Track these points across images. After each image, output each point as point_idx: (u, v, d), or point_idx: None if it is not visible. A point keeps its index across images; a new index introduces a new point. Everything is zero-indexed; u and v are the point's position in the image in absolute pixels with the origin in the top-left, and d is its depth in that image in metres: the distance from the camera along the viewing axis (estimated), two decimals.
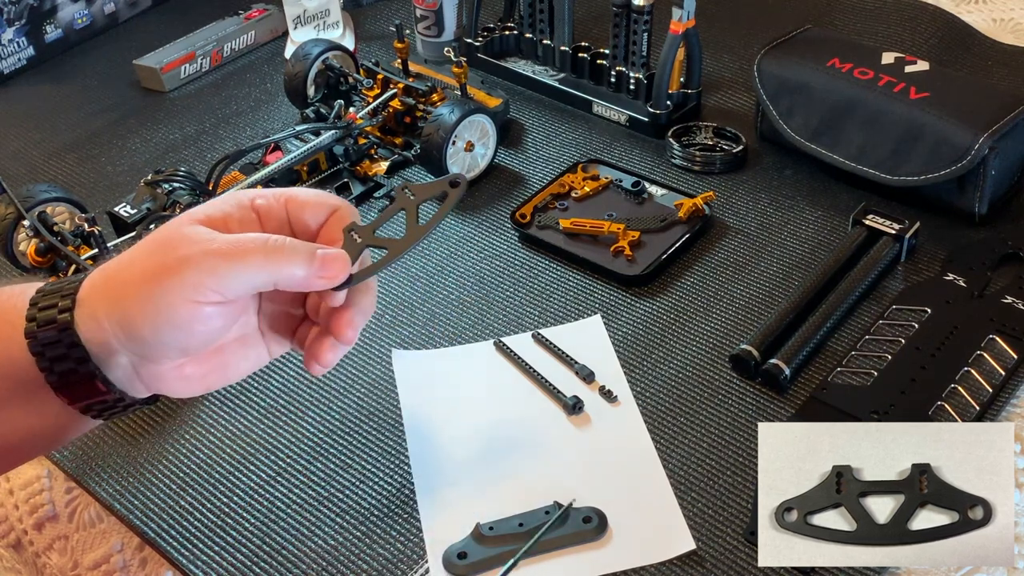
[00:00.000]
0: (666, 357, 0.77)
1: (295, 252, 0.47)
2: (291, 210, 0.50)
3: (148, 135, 1.09)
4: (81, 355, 0.46)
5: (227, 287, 0.46)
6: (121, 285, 0.47)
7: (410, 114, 1.01)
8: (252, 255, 0.46)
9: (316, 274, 0.48)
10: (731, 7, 1.20)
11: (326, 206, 0.51)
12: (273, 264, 0.47)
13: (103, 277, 0.47)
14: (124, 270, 0.47)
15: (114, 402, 0.48)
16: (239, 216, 0.49)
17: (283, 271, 0.47)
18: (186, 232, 0.47)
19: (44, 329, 0.46)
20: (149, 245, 0.48)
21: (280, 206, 0.50)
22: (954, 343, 0.74)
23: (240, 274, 0.46)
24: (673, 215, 0.88)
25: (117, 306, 0.46)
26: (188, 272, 0.45)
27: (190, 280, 0.45)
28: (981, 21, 1.15)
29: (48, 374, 0.46)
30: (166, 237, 0.47)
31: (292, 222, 0.51)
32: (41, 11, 1.22)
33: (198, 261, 0.45)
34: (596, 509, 0.64)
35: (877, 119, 0.86)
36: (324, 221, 0.51)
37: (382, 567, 0.64)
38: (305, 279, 0.47)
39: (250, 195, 0.50)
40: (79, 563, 0.71)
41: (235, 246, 0.46)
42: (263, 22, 1.24)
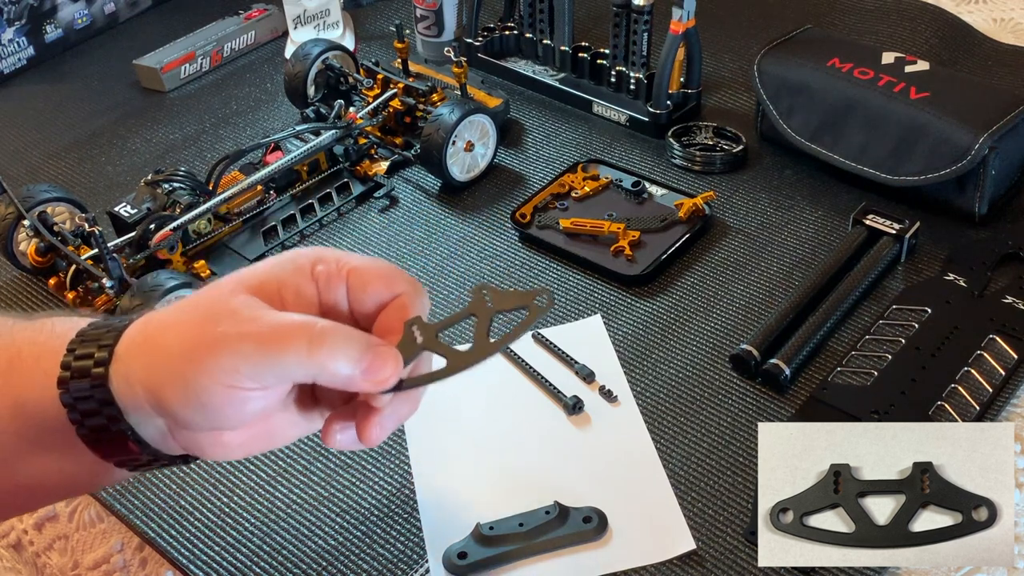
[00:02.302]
0: (666, 357, 0.77)
1: (342, 345, 0.43)
2: (352, 283, 0.46)
3: (148, 135, 1.09)
4: (113, 413, 0.44)
5: (262, 376, 0.42)
6: (157, 351, 0.43)
7: (410, 114, 1.01)
8: (294, 345, 0.42)
9: (363, 376, 0.43)
10: (731, 7, 1.20)
11: (390, 287, 0.46)
12: (315, 359, 0.42)
13: (143, 335, 0.44)
14: (164, 333, 0.44)
15: (147, 461, 0.46)
16: (295, 284, 0.45)
17: (326, 367, 0.42)
18: (232, 304, 0.43)
19: (77, 380, 0.43)
20: (193, 310, 0.44)
21: (341, 277, 0.46)
22: (954, 343, 0.74)
23: (277, 366, 0.42)
24: (673, 215, 0.88)
25: (150, 375, 0.43)
26: (223, 355, 0.42)
27: (225, 364, 0.42)
28: (981, 21, 1.15)
29: (79, 427, 0.44)
30: (211, 305, 0.44)
31: (351, 297, 0.46)
32: (41, 11, 1.22)
33: (235, 344, 0.42)
34: (596, 509, 0.64)
35: (877, 119, 0.86)
36: (386, 303, 0.46)
37: (382, 567, 0.64)
38: (349, 379, 0.43)
39: (311, 258, 0.46)
40: (79, 563, 0.71)
41: (276, 332, 0.42)
42: (263, 22, 1.24)
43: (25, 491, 0.48)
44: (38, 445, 0.46)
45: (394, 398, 0.45)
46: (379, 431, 0.45)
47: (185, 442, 0.45)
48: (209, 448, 0.45)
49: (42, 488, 0.48)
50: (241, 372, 0.42)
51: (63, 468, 0.47)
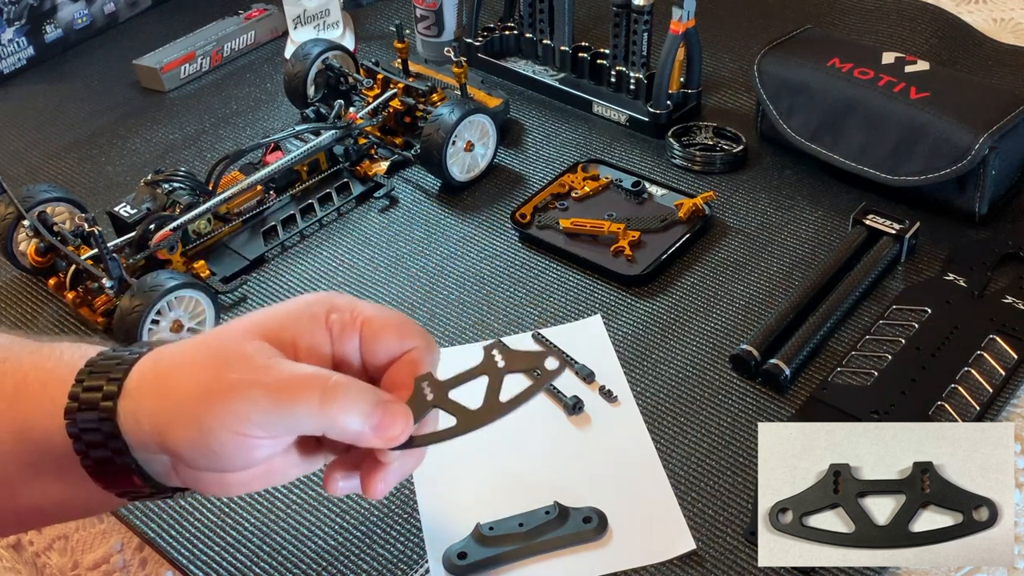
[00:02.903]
0: (666, 357, 0.76)
1: (354, 402, 0.43)
2: (365, 335, 0.46)
3: (148, 135, 1.09)
4: (119, 446, 0.44)
5: (272, 427, 0.43)
6: (168, 391, 0.43)
7: (410, 114, 1.01)
8: (306, 397, 0.42)
9: (372, 433, 0.43)
10: (731, 7, 1.20)
11: (402, 340, 0.46)
12: (327, 414, 0.43)
13: (154, 373, 0.44)
14: (175, 372, 0.44)
15: (150, 493, 0.46)
16: (309, 332, 0.45)
17: (337, 422, 0.43)
18: (246, 350, 0.43)
19: (84, 412, 0.44)
20: (205, 352, 0.44)
21: (355, 327, 0.46)
22: (954, 343, 0.74)
23: (288, 417, 0.42)
24: (673, 215, 0.88)
25: (159, 415, 0.43)
26: (235, 402, 0.42)
27: (237, 411, 0.42)
28: (981, 21, 1.15)
29: (83, 458, 0.44)
30: (224, 348, 0.44)
31: (363, 348, 0.46)
32: (41, 11, 1.22)
33: (247, 392, 0.42)
34: (596, 509, 0.64)
35: (877, 119, 0.86)
36: (397, 356, 0.46)
37: (382, 567, 0.64)
38: (359, 435, 0.43)
39: (325, 306, 0.46)
40: (79, 563, 0.71)
41: (289, 383, 0.42)
42: (263, 22, 1.24)
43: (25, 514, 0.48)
44: (40, 471, 0.46)
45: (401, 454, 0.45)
46: (384, 486, 0.46)
47: (187, 479, 0.45)
48: (211, 486, 0.45)
49: (41, 512, 0.48)
50: (252, 421, 0.42)
51: (64, 494, 0.47)
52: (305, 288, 0.86)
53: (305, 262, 0.89)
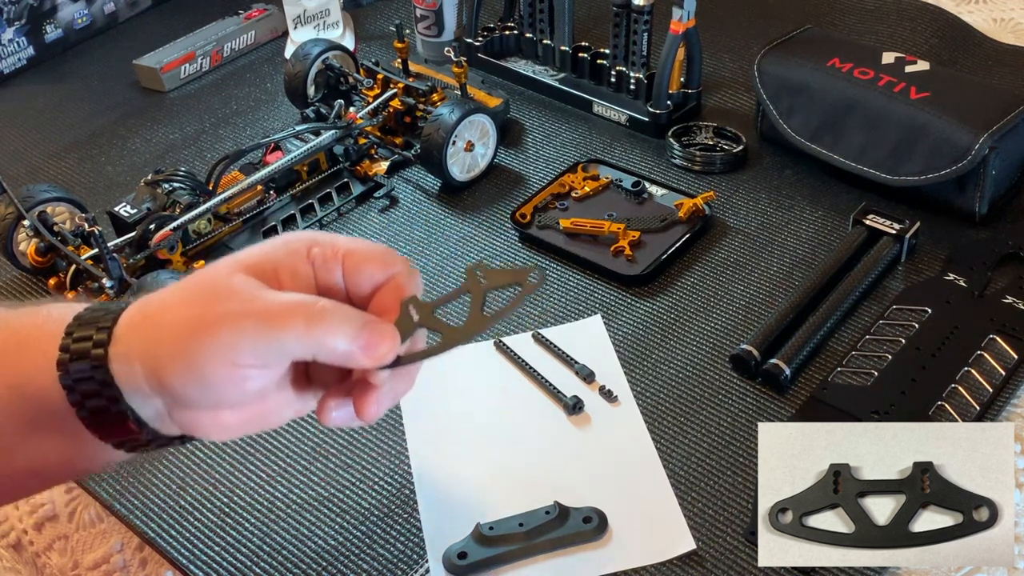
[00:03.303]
0: (666, 357, 0.76)
1: (340, 322, 0.43)
2: (347, 267, 0.46)
3: (148, 135, 1.09)
4: (113, 393, 0.44)
5: (263, 353, 0.43)
6: (157, 331, 0.44)
7: (410, 114, 1.01)
8: (293, 322, 0.43)
9: (360, 352, 0.44)
10: (731, 7, 1.20)
11: (385, 268, 0.47)
12: (314, 336, 0.43)
13: (141, 316, 0.45)
14: (163, 314, 0.44)
15: (146, 441, 0.46)
16: (291, 266, 0.46)
17: (324, 344, 0.43)
18: (231, 283, 0.44)
19: (77, 362, 0.44)
20: (191, 290, 0.45)
21: (337, 259, 0.46)
22: (954, 343, 0.74)
23: (277, 342, 0.43)
24: (673, 215, 0.88)
25: (150, 354, 0.43)
26: (224, 332, 0.42)
27: (225, 341, 0.42)
28: (981, 21, 1.15)
29: (79, 408, 0.44)
30: (209, 285, 0.44)
31: (347, 280, 0.47)
32: (41, 11, 1.22)
33: (236, 322, 0.42)
34: (596, 509, 0.64)
35: (877, 119, 0.86)
36: (382, 283, 0.47)
37: (382, 567, 0.64)
38: (347, 355, 0.44)
39: (306, 242, 0.47)
40: (79, 563, 0.71)
41: (277, 309, 0.43)
42: (263, 22, 1.24)
43: (23, 475, 0.48)
44: (37, 428, 0.46)
45: (391, 375, 0.46)
46: (376, 408, 0.46)
47: (183, 422, 0.45)
48: (207, 428, 0.46)
49: (40, 472, 0.48)
50: (242, 349, 0.42)
51: (62, 451, 0.47)
52: None
53: None
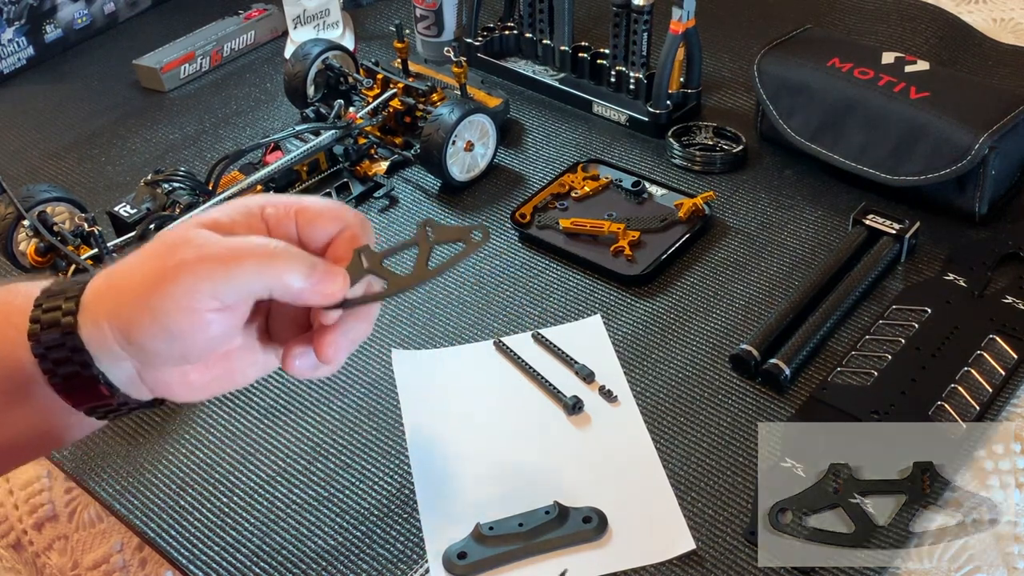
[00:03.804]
0: (666, 357, 0.76)
1: (294, 260, 0.46)
2: (301, 222, 0.48)
3: (148, 135, 1.09)
4: (84, 359, 0.45)
5: (222, 292, 0.45)
6: (121, 291, 0.46)
7: (410, 114, 1.01)
8: (248, 260, 0.45)
9: (313, 288, 0.46)
10: (731, 7, 1.20)
11: (338, 220, 0.49)
12: (269, 271, 0.45)
13: (106, 282, 0.47)
14: (126, 275, 0.46)
15: (118, 405, 0.48)
16: (247, 223, 0.48)
17: (280, 279, 0.45)
18: (188, 235, 0.46)
19: (47, 331, 0.45)
20: (151, 249, 0.46)
21: (290, 217, 0.48)
22: (954, 343, 0.74)
23: (235, 279, 0.45)
24: (673, 215, 0.88)
25: (117, 313, 0.45)
26: (183, 276, 0.44)
27: (185, 285, 0.44)
28: (981, 21, 1.15)
29: (51, 376, 0.46)
30: (168, 241, 0.46)
31: (301, 234, 0.49)
32: (41, 11, 1.22)
33: (193, 266, 0.44)
34: (596, 509, 0.64)
35: (877, 119, 0.86)
36: (334, 236, 0.49)
37: (382, 567, 0.64)
38: (300, 292, 0.46)
39: (259, 202, 0.49)
40: (79, 563, 0.71)
41: (232, 250, 0.45)
42: (263, 22, 1.24)
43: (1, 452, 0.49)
44: (10, 402, 0.47)
45: (346, 317, 0.48)
46: (334, 350, 0.48)
47: (152, 383, 0.47)
48: (175, 388, 0.48)
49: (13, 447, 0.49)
50: (201, 292, 0.44)
51: (35, 424, 0.48)
52: None
53: None
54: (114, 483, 0.70)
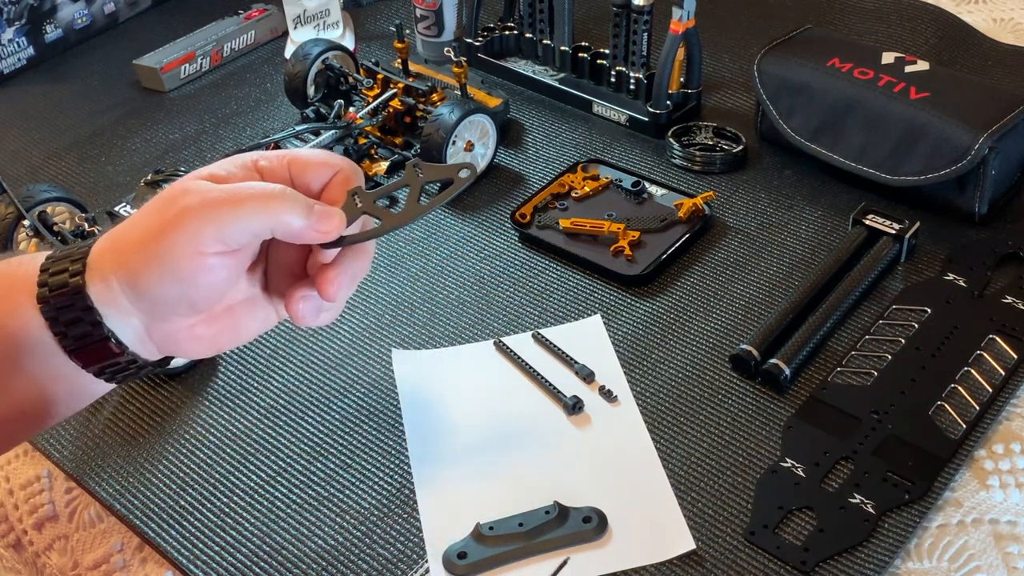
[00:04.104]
0: (666, 357, 0.76)
1: (292, 200, 0.48)
2: (294, 171, 0.51)
3: (148, 135, 1.09)
4: (94, 318, 0.46)
5: (226, 234, 0.47)
6: (126, 245, 0.47)
7: (410, 114, 1.01)
8: (249, 201, 0.47)
9: (312, 226, 0.48)
10: (731, 7, 1.20)
11: (329, 167, 0.51)
12: (270, 211, 0.47)
13: (111, 240, 0.48)
14: (129, 230, 0.48)
15: (127, 364, 0.49)
16: (242, 176, 0.50)
17: (281, 218, 0.48)
18: (187, 186, 0.48)
19: (56, 294, 0.46)
20: (153, 204, 0.48)
21: (283, 167, 0.51)
22: (954, 343, 0.74)
23: (238, 220, 0.47)
24: (673, 215, 0.88)
25: (124, 266, 0.47)
26: (188, 222, 0.46)
27: (190, 229, 0.46)
28: (981, 21, 1.15)
29: (62, 338, 0.47)
30: (168, 194, 0.48)
31: (295, 183, 0.51)
32: (41, 11, 1.22)
33: (196, 211, 0.46)
34: (596, 509, 0.64)
35: (877, 119, 0.86)
36: (327, 182, 0.51)
37: (382, 567, 0.64)
38: (301, 230, 0.48)
39: (252, 156, 0.51)
40: (79, 563, 0.71)
41: (233, 193, 0.47)
42: (263, 22, 1.24)
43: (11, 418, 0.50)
44: (18, 368, 0.48)
45: (345, 253, 0.51)
46: (335, 287, 0.50)
47: (161, 339, 0.49)
48: (183, 342, 0.50)
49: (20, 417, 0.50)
50: (206, 234, 0.46)
51: (43, 390, 0.49)
52: None
53: None
54: (114, 483, 0.70)
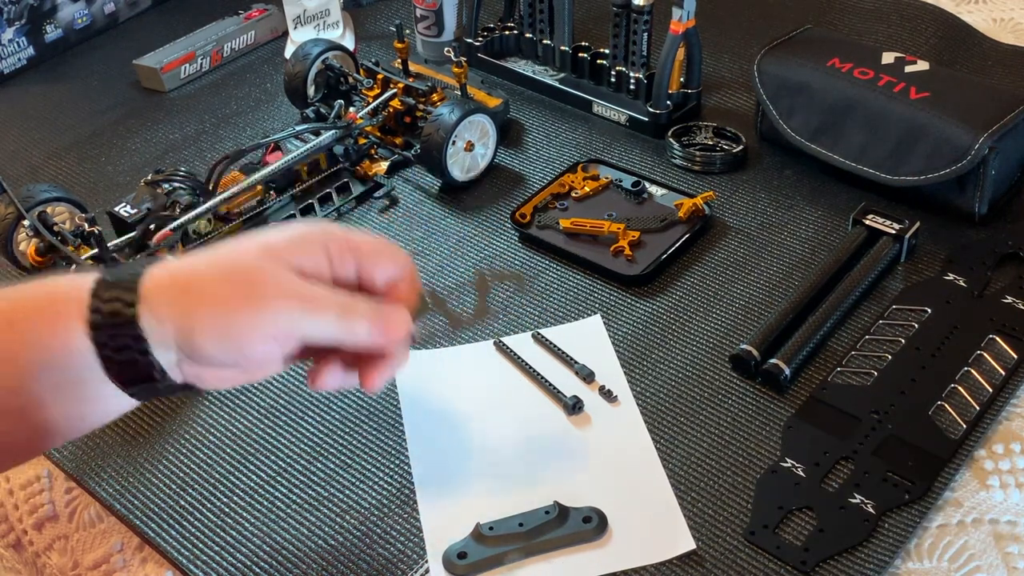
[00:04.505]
0: (666, 357, 0.77)
1: (366, 314, 0.51)
2: (361, 262, 0.53)
3: (148, 135, 1.09)
4: (143, 347, 0.48)
5: (300, 331, 0.50)
6: (192, 296, 0.49)
7: (410, 114, 1.01)
8: (328, 312, 0.50)
9: (380, 337, 0.52)
10: (731, 7, 1.20)
11: (396, 264, 0.55)
12: (344, 326, 0.51)
13: (170, 279, 0.49)
14: (196, 281, 0.49)
15: (162, 388, 0.51)
16: (312, 259, 0.52)
17: (351, 334, 0.51)
18: (266, 269, 0.50)
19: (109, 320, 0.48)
20: (224, 267, 0.50)
21: (352, 253, 0.53)
22: (954, 343, 0.74)
23: (315, 326, 0.50)
24: (673, 215, 0.88)
25: (185, 317, 0.49)
26: (267, 311, 0.49)
27: (268, 318, 0.49)
28: (981, 21, 1.15)
29: (108, 362, 0.48)
30: (244, 268, 0.50)
31: (361, 273, 0.54)
32: (41, 11, 1.22)
33: (278, 305, 0.49)
34: (596, 509, 0.64)
35: (877, 119, 0.86)
36: (392, 278, 0.55)
37: (382, 567, 0.64)
38: (370, 342, 0.52)
39: (323, 235, 0.53)
40: (79, 563, 0.71)
41: (314, 300, 0.50)
42: (263, 22, 1.24)
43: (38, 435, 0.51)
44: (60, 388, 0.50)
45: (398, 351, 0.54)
46: (382, 380, 0.53)
47: (189, 374, 0.51)
48: (208, 381, 0.52)
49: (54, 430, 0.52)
50: (280, 328, 0.49)
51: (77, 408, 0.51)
52: None
53: None
54: (114, 483, 0.70)
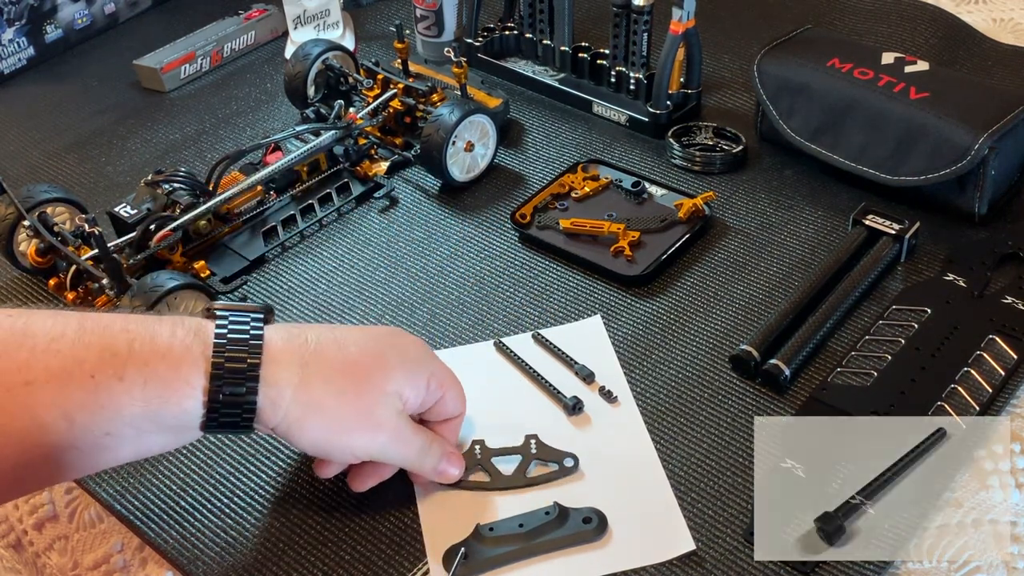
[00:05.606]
0: (666, 357, 0.77)
1: (437, 456, 0.64)
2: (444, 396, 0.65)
3: (148, 135, 1.09)
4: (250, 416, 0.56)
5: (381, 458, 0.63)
6: (315, 405, 0.57)
7: (410, 114, 1.01)
8: (411, 451, 0.62)
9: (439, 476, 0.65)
10: (731, 7, 1.20)
11: (460, 408, 0.67)
12: (416, 463, 0.64)
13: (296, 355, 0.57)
14: (321, 380, 0.58)
15: None
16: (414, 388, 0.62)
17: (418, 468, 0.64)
18: (380, 402, 0.60)
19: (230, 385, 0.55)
20: (354, 380, 0.59)
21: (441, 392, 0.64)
22: (954, 343, 0.74)
23: (394, 456, 0.63)
24: (673, 215, 0.88)
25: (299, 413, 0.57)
26: (369, 439, 0.60)
27: (366, 444, 0.60)
28: (981, 21, 1.15)
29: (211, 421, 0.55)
30: (369, 390, 0.60)
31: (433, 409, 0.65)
32: (41, 11, 1.22)
33: (377, 436, 0.60)
34: (596, 509, 0.64)
35: (877, 119, 0.86)
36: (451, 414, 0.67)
37: (382, 567, 0.64)
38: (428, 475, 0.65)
39: (426, 372, 0.63)
40: (79, 563, 0.71)
41: (405, 440, 0.62)
42: (263, 22, 1.24)
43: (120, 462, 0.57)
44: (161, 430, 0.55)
45: None
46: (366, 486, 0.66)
47: None
48: None
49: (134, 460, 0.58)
50: (368, 453, 0.62)
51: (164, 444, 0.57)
52: (306, 288, 0.86)
53: (305, 262, 0.89)
54: (114, 483, 0.70)
